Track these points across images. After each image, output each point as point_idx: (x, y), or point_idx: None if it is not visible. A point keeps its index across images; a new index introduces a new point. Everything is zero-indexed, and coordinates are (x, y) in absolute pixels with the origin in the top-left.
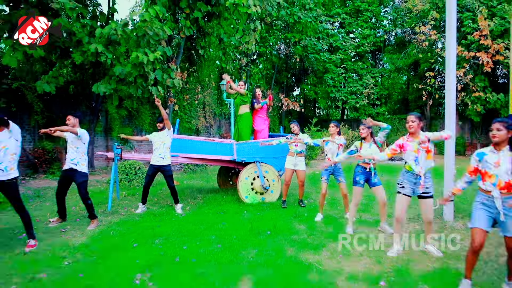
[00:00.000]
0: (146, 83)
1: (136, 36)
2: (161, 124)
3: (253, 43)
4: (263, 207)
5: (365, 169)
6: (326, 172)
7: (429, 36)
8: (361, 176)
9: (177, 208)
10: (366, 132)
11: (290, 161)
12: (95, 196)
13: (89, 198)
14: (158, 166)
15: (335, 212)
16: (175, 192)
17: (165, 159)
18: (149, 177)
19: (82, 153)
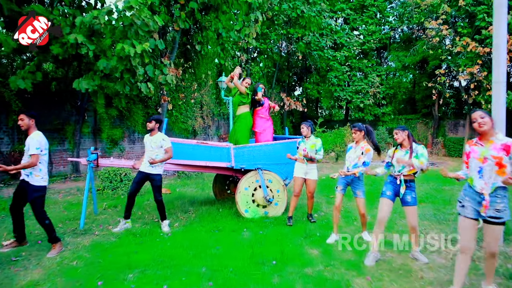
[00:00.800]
0: (134, 79)
1: (123, 26)
2: (150, 124)
3: (253, 36)
4: (266, 224)
5: (395, 180)
6: (343, 182)
7: (439, 32)
8: (389, 187)
9: (163, 225)
10: (401, 136)
11: (300, 169)
12: (72, 209)
13: (47, 218)
14: (146, 174)
15: (352, 230)
16: (162, 206)
17: (156, 168)
18: (136, 185)
19: None
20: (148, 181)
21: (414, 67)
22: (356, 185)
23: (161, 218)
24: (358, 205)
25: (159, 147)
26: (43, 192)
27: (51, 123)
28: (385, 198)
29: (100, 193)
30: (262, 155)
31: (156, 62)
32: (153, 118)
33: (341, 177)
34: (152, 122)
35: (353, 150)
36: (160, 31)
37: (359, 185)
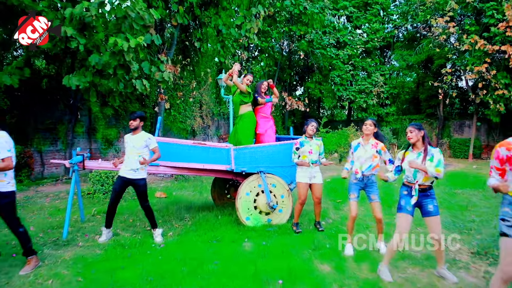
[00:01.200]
0: (129, 75)
1: (116, 18)
2: (135, 122)
3: (255, 31)
4: (269, 233)
5: (412, 190)
6: (356, 188)
7: (446, 29)
8: (408, 200)
9: (155, 235)
10: (416, 135)
11: (304, 174)
12: (58, 215)
13: (20, 225)
14: (128, 180)
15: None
16: (151, 213)
17: (139, 172)
18: (117, 193)
19: None
20: (131, 186)
21: (418, 66)
22: (370, 189)
23: (152, 226)
24: (374, 210)
25: (143, 147)
26: (11, 198)
27: (42, 122)
28: (405, 213)
29: (91, 197)
30: (265, 157)
31: (152, 58)
32: (137, 115)
33: (353, 183)
34: (137, 120)
35: (362, 148)
36: (158, 27)
37: (374, 187)
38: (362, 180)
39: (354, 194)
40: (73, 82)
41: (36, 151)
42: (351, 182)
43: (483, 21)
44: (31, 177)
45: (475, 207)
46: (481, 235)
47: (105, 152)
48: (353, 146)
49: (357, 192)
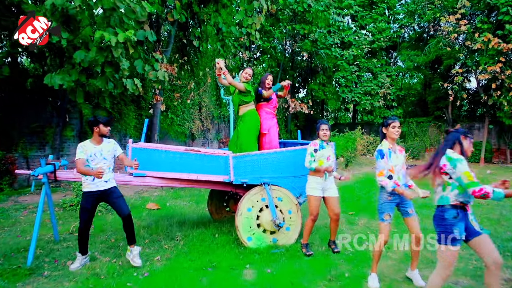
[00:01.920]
0: (118, 74)
1: (104, 11)
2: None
3: (257, 27)
4: (275, 256)
5: (464, 212)
6: (390, 206)
7: (458, 27)
8: (460, 226)
9: (132, 255)
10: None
11: (316, 185)
12: (30, 232)
13: None
14: (100, 192)
15: (390, 267)
16: (131, 225)
17: (110, 182)
18: (89, 213)
19: None
20: (103, 201)
21: (425, 67)
22: (406, 202)
23: (128, 242)
24: (411, 227)
25: (112, 156)
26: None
27: (28, 125)
28: (458, 247)
29: (73, 210)
30: (269, 166)
31: (146, 56)
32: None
33: (387, 201)
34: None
35: (394, 155)
36: (153, 23)
37: (408, 201)
38: (396, 197)
39: (390, 215)
40: (56, 81)
41: (21, 156)
42: (385, 201)
43: (498, 18)
44: (14, 185)
45: (508, 221)
46: None
47: None
48: (385, 153)
49: (392, 212)
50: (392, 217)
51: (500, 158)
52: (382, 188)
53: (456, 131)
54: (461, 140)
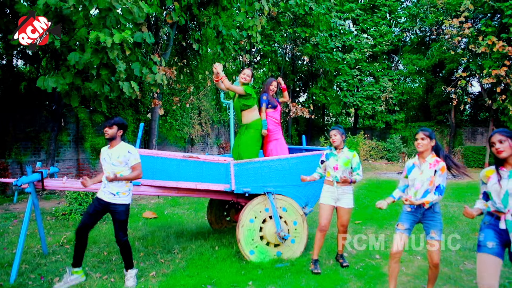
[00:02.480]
0: (114, 76)
1: (99, 11)
2: (111, 130)
3: (258, 29)
4: (280, 271)
5: (498, 221)
6: (409, 219)
7: (461, 31)
8: (491, 234)
9: (127, 277)
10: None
11: (328, 194)
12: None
13: None
14: (105, 203)
15: (404, 283)
16: (128, 250)
17: (119, 196)
18: (88, 217)
19: None
20: (109, 212)
21: (427, 71)
22: (431, 221)
23: (125, 266)
24: (430, 253)
25: (123, 164)
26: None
27: (23, 130)
28: (488, 254)
29: (66, 219)
30: (273, 173)
31: (144, 59)
32: (114, 122)
33: (406, 212)
34: (114, 128)
35: (417, 169)
36: (152, 25)
37: (436, 221)
38: (417, 210)
39: (404, 226)
40: (49, 84)
41: (15, 162)
42: (404, 211)
43: (502, 21)
44: (6, 192)
45: None
46: None
47: (94, 162)
48: (406, 168)
49: (409, 224)
50: (407, 229)
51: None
52: None
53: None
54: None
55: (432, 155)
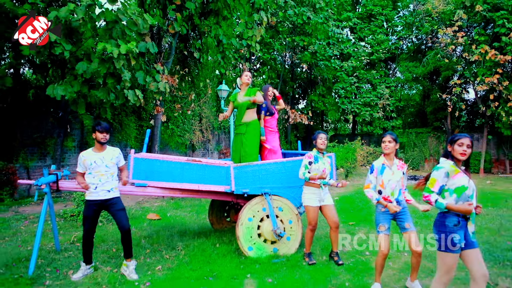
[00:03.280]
0: (120, 85)
1: (106, 23)
2: (107, 136)
3: (257, 38)
4: (276, 266)
5: (464, 220)
6: (386, 218)
7: (455, 39)
8: (460, 233)
9: (129, 270)
10: (470, 152)
11: (314, 196)
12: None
13: None
14: (101, 201)
15: (391, 276)
16: (129, 239)
17: (113, 191)
18: (91, 222)
19: None
20: (104, 209)
21: (424, 78)
22: (403, 216)
23: (125, 255)
24: (410, 241)
25: (115, 165)
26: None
27: (30, 136)
28: (457, 254)
29: (74, 220)
30: (270, 176)
31: (148, 68)
32: (109, 127)
33: (381, 213)
34: (108, 134)
35: (389, 170)
36: (155, 35)
37: (407, 214)
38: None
39: (385, 226)
40: (58, 92)
41: (22, 167)
42: (379, 212)
43: (494, 30)
44: (15, 196)
45: (508, 231)
46: None
47: None
48: (377, 168)
49: (388, 223)
50: (388, 228)
51: (500, 169)
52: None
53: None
54: (448, 148)
55: (395, 158)
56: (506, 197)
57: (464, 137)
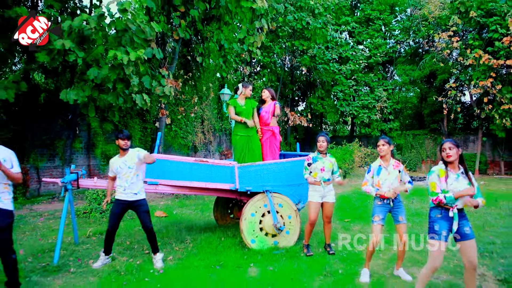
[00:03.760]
0: (129, 89)
1: (116, 31)
2: (129, 142)
3: (258, 45)
4: (276, 257)
5: (447, 213)
6: (383, 210)
7: (450, 44)
8: (443, 224)
9: (155, 260)
10: (455, 153)
11: (316, 193)
12: (51, 237)
13: (14, 251)
14: (129, 202)
15: (380, 265)
16: (153, 236)
17: (139, 194)
18: (117, 218)
19: (5, 184)
20: (131, 209)
21: (421, 81)
22: (398, 209)
23: (153, 251)
24: (400, 233)
25: (138, 165)
26: (13, 218)
27: (40, 138)
28: (440, 241)
29: (87, 217)
30: (271, 175)
31: (153, 73)
32: (129, 135)
33: (378, 205)
34: (129, 140)
35: (385, 171)
36: (159, 41)
37: (401, 208)
38: (389, 203)
39: (379, 216)
40: (71, 97)
41: (32, 167)
42: (375, 205)
43: (487, 36)
44: (27, 195)
45: (492, 227)
46: (505, 259)
47: (104, 168)
48: (374, 169)
49: (383, 215)
50: (382, 219)
51: (495, 170)
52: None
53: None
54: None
55: (392, 158)
56: (497, 197)
57: (445, 142)
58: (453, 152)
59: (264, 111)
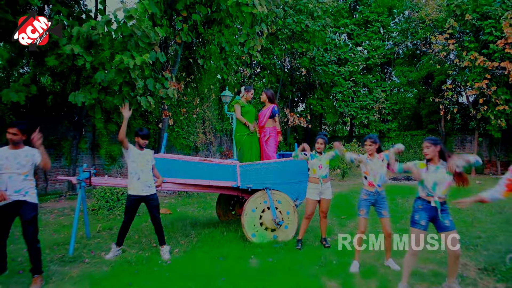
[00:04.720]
0: (134, 92)
1: (122, 36)
2: (145, 141)
3: (258, 48)
4: (275, 249)
5: (428, 204)
6: (367, 204)
7: (446, 46)
8: (423, 214)
9: (163, 252)
10: (432, 151)
11: (314, 190)
12: (63, 232)
13: (39, 241)
14: (142, 197)
15: (371, 256)
16: (161, 229)
17: (152, 187)
18: (132, 212)
19: (31, 180)
20: (144, 203)
21: (419, 82)
22: (381, 204)
23: (160, 243)
24: (384, 226)
25: (151, 162)
26: (37, 211)
27: (46, 138)
28: (419, 229)
29: (95, 214)
30: (270, 173)
31: (157, 75)
32: (147, 133)
33: (363, 199)
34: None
35: (371, 162)
36: (162, 44)
37: (385, 203)
38: (373, 195)
39: (364, 210)
40: (79, 99)
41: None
42: (361, 199)
43: (482, 38)
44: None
45: (480, 223)
46: (488, 251)
47: (108, 168)
48: (364, 158)
49: (367, 208)
50: (366, 212)
51: (491, 170)
52: (361, 190)
53: None
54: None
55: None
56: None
57: (424, 142)
58: (430, 150)
59: (262, 113)
